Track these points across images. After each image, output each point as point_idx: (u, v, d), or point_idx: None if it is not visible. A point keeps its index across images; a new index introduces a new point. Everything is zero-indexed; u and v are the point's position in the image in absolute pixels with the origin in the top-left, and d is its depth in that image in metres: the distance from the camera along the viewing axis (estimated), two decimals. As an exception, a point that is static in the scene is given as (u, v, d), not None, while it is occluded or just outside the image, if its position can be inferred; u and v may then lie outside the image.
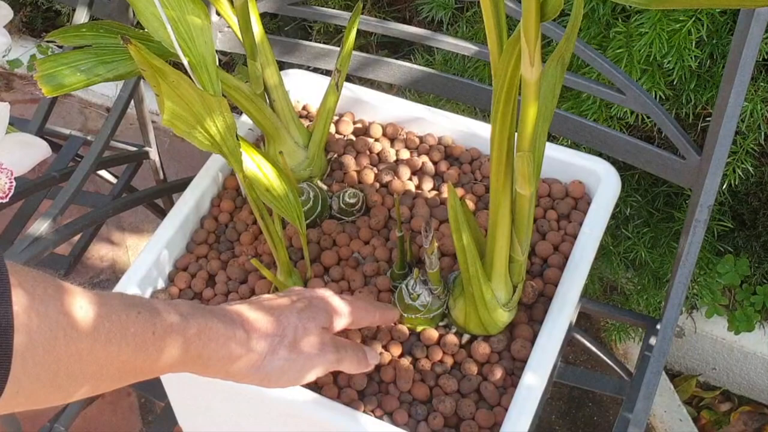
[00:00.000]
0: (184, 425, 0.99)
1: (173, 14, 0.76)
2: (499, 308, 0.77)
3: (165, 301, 0.61)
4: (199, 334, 0.61)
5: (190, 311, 0.62)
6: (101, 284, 1.65)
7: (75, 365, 0.53)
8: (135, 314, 0.57)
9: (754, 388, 1.44)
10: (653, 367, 0.81)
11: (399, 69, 1.01)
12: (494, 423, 0.76)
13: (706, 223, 0.83)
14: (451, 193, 0.72)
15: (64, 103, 1.95)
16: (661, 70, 1.07)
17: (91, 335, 0.54)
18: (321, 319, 0.70)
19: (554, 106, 0.70)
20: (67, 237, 0.96)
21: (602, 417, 1.46)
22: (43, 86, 0.76)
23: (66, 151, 1.20)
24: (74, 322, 0.53)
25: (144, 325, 0.57)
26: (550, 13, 0.55)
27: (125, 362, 0.56)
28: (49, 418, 1.08)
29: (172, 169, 1.77)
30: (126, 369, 0.57)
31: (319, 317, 0.70)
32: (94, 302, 0.55)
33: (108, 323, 0.55)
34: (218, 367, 0.64)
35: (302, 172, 0.91)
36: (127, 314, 0.57)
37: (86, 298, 0.54)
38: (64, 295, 0.53)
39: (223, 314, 0.64)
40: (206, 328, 0.62)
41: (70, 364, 0.53)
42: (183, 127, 0.70)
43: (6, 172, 0.83)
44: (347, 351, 0.71)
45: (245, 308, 0.67)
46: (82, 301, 0.54)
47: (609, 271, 1.36)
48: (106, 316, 0.55)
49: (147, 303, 0.59)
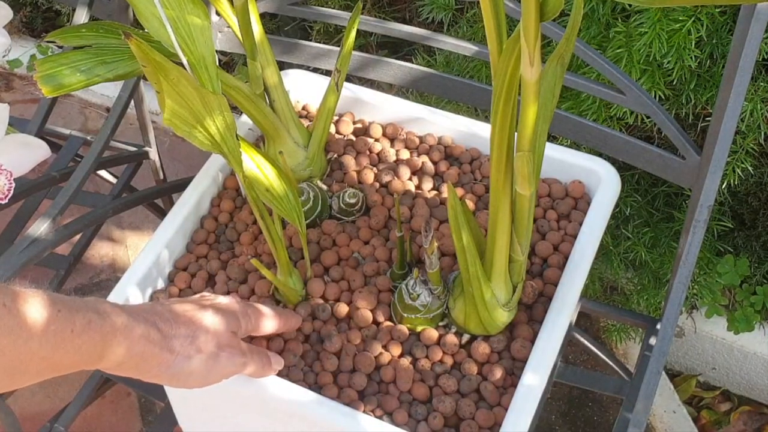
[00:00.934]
0: (184, 425, 0.99)
1: (173, 14, 0.76)
2: (499, 308, 0.77)
3: (83, 300, 0.63)
4: (114, 332, 0.63)
5: (108, 309, 0.63)
6: (101, 284, 1.65)
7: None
8: (56, 312, 0.59)
9: (754, 388, 1.44)
10: (653, 367, 0.81)
11: (399, 69, 1.01)
12: (494, 423, 0.76)
13: (706, 223, 0.83)
14: (451, 193, 0.72)
15: (64, 103, 1.95)
16: (661, 70, 1.07)
17: (14, 332, 0.56)
18: (230, 323, 0.72)
19: (554, 106, 0.70)
20: (67, 237, 0.96)
21: (602, 417, 1.46)
22: (42, 86, 0.76)
23: (66, 151, 1.20)
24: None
25: (64, 323, 0.59)
26: (549, 13, 0.55)
27: (44, 358, 0.58)
28: (48, 418, 1.08)
29: (172, 169, 1.77)
30: (45, 365, 0.59)
31: (228, 321, 0.72)
32: (16, 299, 0.56)
33: (30, 320, 0.57)
34: (131, 365, 0.65)
35: (302, 172, 0.91)
36: (49, 312, 0.58)
37: (9, 295, 0.56)
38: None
39: (138, 314, 0.66)
40: (122, 326, 0.63)
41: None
42: (183, 126, 0.70)
43: (5, 173, 0.83)
44: (253, 355, 0.74)
45: (158, 308, 0.69)
46: (5, 298, 0.56)
47: (609, 271, 1.36)
48: (28, 313, 0.57)
49: (67, 302, 0.61)
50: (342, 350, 0.80)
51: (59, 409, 1.10)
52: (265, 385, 0.77)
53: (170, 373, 0.68)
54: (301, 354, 0.81)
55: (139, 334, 0.65)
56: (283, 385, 0.77)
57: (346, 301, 0.83)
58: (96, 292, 1.64)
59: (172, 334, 0.67)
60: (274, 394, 0.77)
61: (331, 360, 0.80)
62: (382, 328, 0.81)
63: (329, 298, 0.84)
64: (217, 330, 0.71)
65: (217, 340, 0.70)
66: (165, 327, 0.67)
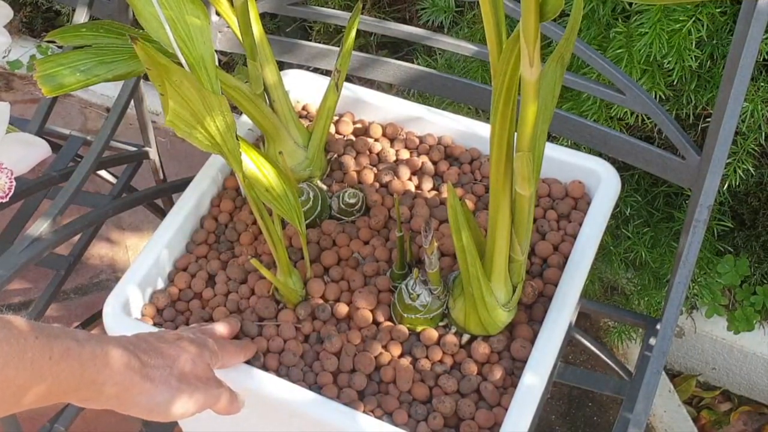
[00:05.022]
0: (184, 425, 0.99)
1: (172, 14, 0.76)
2: (498, 308, 0.77)
3: (63, 328, 0.62)
4: (94, 359, 0.62)
5: (86, 337, 0.62)
6: (101, 284, 1.65)
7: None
8: (33, 339, 0.57)
9: (754, 388, 1.44)
10: (653, 367, 0.80)
11: (399, 69, 1.01)
12: (494, 423, 0.76)
13: (706, 223, 0.83)
14: (451, 193, 0.72)
15: (64, 103, 1.95)
16: (661, 71, 1.07)
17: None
18: (205, 355, 0.72)
19: (554, 106, 0.70)
20: (67, 237, 0.96)
21: (602, 417, 1.46)
22: (42, 86, 0.76)
23: (66, 151, 1.20)
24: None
25: (41, 350, 0.58)
26: (549, 13, 0.55)
27: (21, 386, 0.57)
28: (49, 419, 1.08)
29: (172, 169, 1.77)
30: (22, 393, 0.57)
31: (204, 353, 0.72)
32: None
33: (7, 347, 0.56)
34: (111, 394, 0.64)
35: (302, 172, 0.91)
36: (25, 339, 0.57)
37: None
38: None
39: (117, 343, 0.65)
40: (101, 353, 0.63)
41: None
42: (184, 127, 0.70)
43: (6, 172, 0.83)
44: (225, 390, 0.73)
45: (133, 339, 0.68)
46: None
47: (609, 271, 1.36)
48: (5, 340, 0.56)
49: (45, 329, 0.59)
50: (342, 350, 0.80)
51: (59, 409, 1.09)
52: (265, 385, 0.77)
53: (152, 403, 0.67)
54: (301, 354, 0.81)
55: (120, 362, 0.64)
56: (283, 385, 0.77)
57: (346, 302, 0.83)
58: (96, 292, 1.64)
59: (151, 364, 0.67)
60: (274, 394, 0.77)
61: (330, 360, 0.79)
62: (382, 328, 0.81)
63: (329, 298, 0.84)
64: (194, 361, 0.70)
65: (194, 372, 0.70)
66: (144, 357, 0.67)
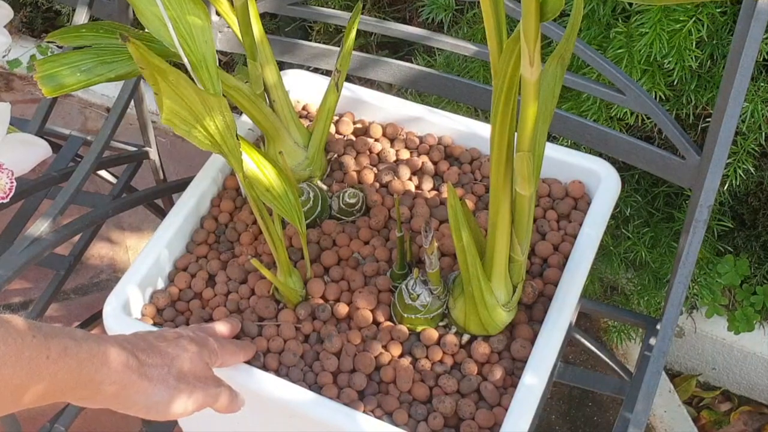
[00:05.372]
0: (183, 425, 0.99)
1: (173, 14, 0.76)
2: (498, 308, 0.77)
3: (60, 327, 0.61)
4: (91, 358, 0.62)
5: (84, 336, 0.62)
6: (101, 284, 1.65)
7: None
8: (30, 338, 0.57)
9: (754, 388, 1.44)
10: (653, 367, 0.81)
11: (399, 69, 1.01)
12: (494, 423, 0.76)
13: (706, 223, 0.83)
14: (451, 193, 0.72)
15: (64, 103, 1.95)
16: (662, 71, 1.07)
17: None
18: (203, 354, 0.72)
19: (554, 106, 0.70)
20: (67, 237, 0.96)
21: (602, 417, 1.46)
22: (43, 86, 0.76)
23: (66, 151, 1.20)
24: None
25: (39, 349, 0.57)
26: (549, 13, 0.55)
27: (19, 386, 0.57)
28: (49, 419, 1.08)
29: (172, 169, 1.77)
30: (19, 393, 0.57)
31: (202, 352, 0.72)
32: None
33: (4, 346, 0.55)
34: (109, 393, 0.64)
35: (302, 172, 0.91)
36: (22, 338, 0.57)
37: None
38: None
39: (114, 342, 0.65)
40: (99, 352, 0.62)
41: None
42: (182, 125, 0.70)
43: (7, 172, 0.83)
44: (225, 389, 0.73)
45: (131, 338, 0.68)
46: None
47: (609, 271, 1.36)
48: (2, 339, 0.55)
49: (43, 328, 0.59)
50: (342, 350, 0.80)
51: (59, 409, 1.09)
52: (265, 385, 0.77)
53: (150, 402, 0.67)
54: (301, 354, 0.81)
55: (118, 361, 0.63)
56: (283, 385, 0.77)
57: (346, 302, 0.83)
58: (96, 292, 1.64)
59: (149, 363, 0.67)
60: (274, 394, 0.77)
61: (330, 360, 0.79)
62: (382, 328, 0.81)
63: (329, 299, 0.84)
64: (192, 360, 0.70)
65: (193, 371, 0.70)
66: (142, 355, 0.66)
